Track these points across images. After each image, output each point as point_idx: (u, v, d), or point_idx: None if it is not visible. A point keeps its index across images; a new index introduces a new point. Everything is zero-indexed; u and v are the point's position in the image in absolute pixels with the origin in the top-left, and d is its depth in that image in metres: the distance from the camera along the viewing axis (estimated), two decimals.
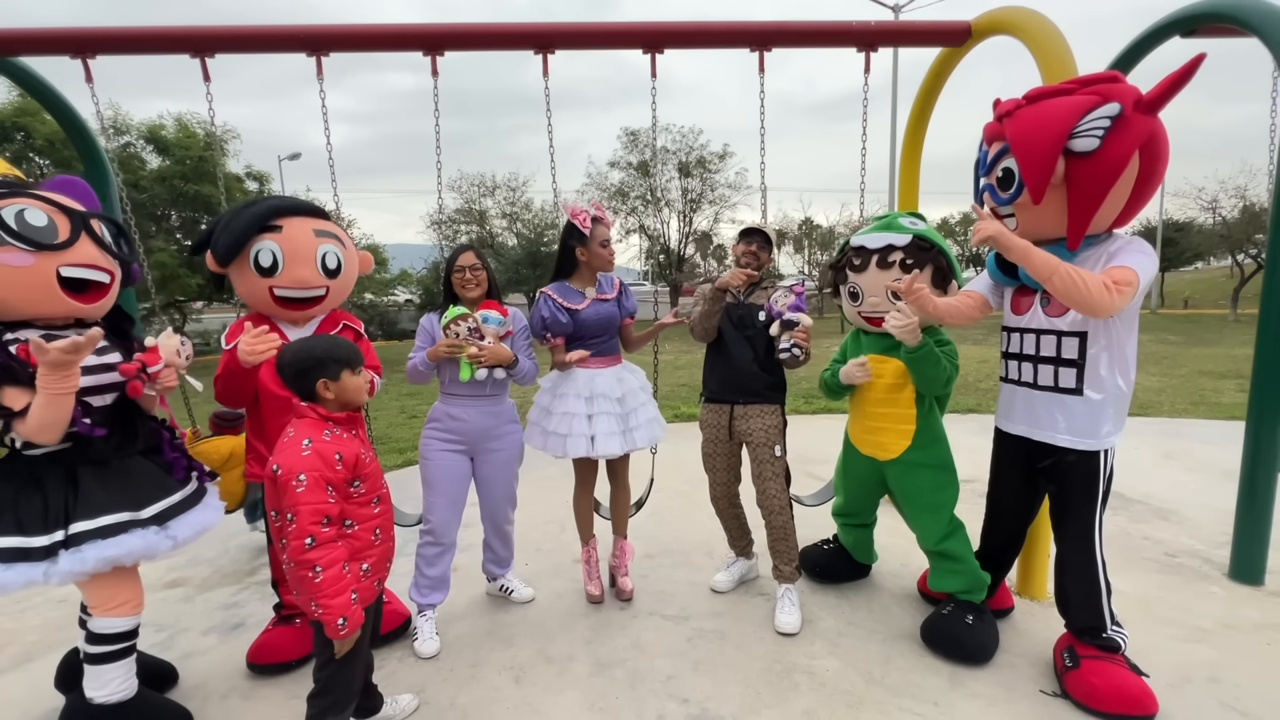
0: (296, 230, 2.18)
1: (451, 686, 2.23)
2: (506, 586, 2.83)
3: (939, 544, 2.41)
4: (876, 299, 2.38)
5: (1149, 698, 1.97)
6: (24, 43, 2.64)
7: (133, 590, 1.91)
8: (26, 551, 1.69)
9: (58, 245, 1.75)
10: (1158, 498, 3.85)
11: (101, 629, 1.85)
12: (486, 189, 23.50)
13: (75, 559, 1.71)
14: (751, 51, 2.84)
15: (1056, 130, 1.81)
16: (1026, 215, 2.00)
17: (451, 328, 2.37)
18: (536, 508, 3.86)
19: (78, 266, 1.79)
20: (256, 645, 2.33)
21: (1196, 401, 6.68)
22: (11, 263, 1.69)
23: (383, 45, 2.74)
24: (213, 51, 2.67)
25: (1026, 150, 1.87)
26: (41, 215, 1.75)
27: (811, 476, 4.07)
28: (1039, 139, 1.84)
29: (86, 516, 1.76)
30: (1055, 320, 2.03)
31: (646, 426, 2.66)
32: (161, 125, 14.70)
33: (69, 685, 2.05)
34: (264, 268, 2.12)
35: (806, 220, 28.16)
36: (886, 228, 2.39)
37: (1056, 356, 2.03)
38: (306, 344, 1.73)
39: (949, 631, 2.32)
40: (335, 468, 1.62)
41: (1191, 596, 2.71)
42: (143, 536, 1.82)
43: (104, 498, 1.80)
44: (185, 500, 1.98)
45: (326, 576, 1.57)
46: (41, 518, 1.73)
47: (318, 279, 2.21)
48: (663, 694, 2.16)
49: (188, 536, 1.92)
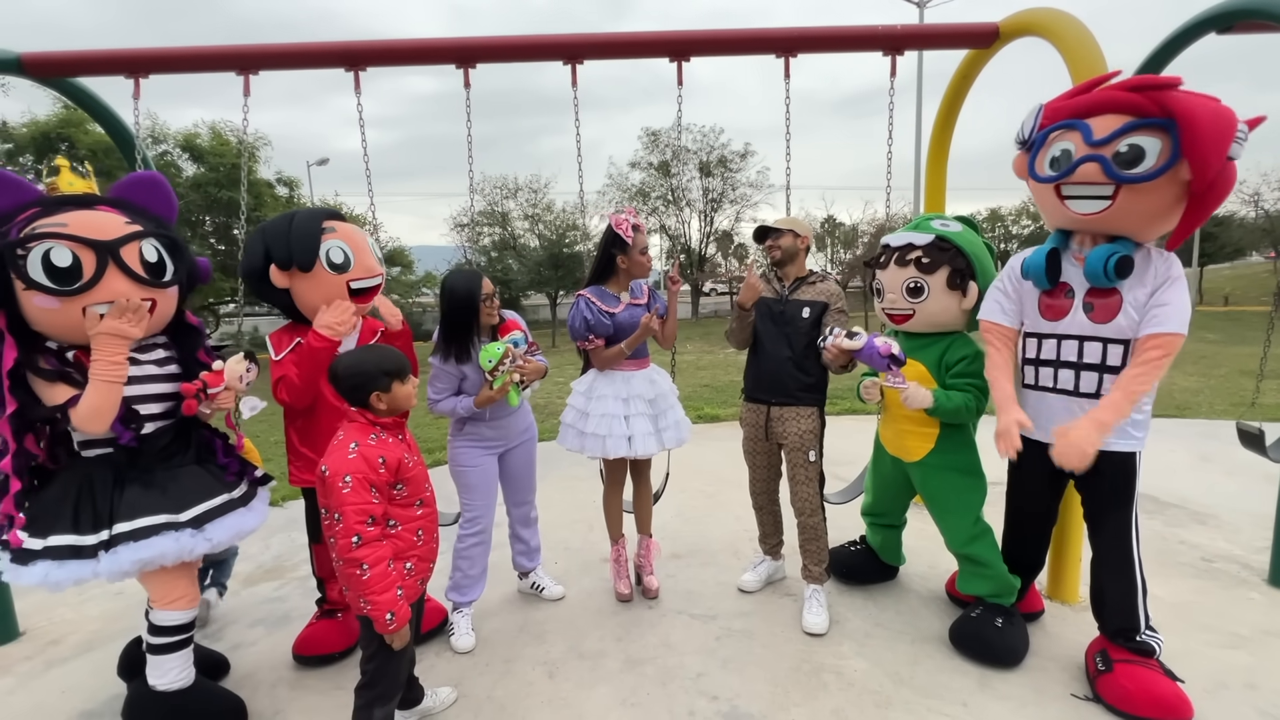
0: (348, 227, 2.32)
1: (488, 680, 2.31)
2: (538, 584, 2.91)
3: (965, 547, 2.42)
4: (894, 296, 2.41)
5: (1184, 703, 1.96)
6: (82, 64, 2.79)
7: (188, 586, 2.02)
8: (79, 549, 1.78)
9: (79, 289, 1.76)
10: (1195, 501, 3.78)
11: (161, 621, 1.97)
12: (509, 191, 23.78)
13: (113, 559, 1.79)
14: (777, 58, 2.87)
15: (1228, 128, 1.72)
16: (1131, 200, 1.86)
17: (500, 371, 2.34)
18: (564, 507, 3.94)
19: (106, 304, 1.81)
20: (301, 638, 2.44)
21: (1237, 402, 6.50)
22: (43, 305, 1.77)
23: (418, 59, 2.83)
24: (257, 69, 2.79)
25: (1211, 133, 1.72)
26: (66, 255, 1.75)
27: (836, 477, 4.06)
28: (1224, 133, 1.72)
29: (127, 518, 1.83)
30: (1101, 327, 1.98)
31: (675, 427, 2.72)
32: (196, 134, 15.20)
33: (130, 673, 2.17)
34: (337, 264, 2.20)
35: (829, 218, 27.91)
36: (915, 228, 2.42)
37: (1101, 363, 2.00)
38: (358, 357, 1.81)
39: (977, 634, 2.33)
40: (378, 470, 1.70)
41: (1229, 602, 2.67)
42: (176, 539, 1.87)
43: (146, 500, 1.87)
44: (229, 503, 2.05)
45: (373, 574, 1.64)
46: (92, 517, 1.82)
47: (379, 265, 2.36)
48: (693, 691, 2.21)
49: (224, 539, 1.98)
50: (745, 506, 3.00)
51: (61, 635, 2.73)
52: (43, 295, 1.75)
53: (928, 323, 2.40)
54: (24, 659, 2.56)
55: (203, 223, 15.68)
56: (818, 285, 2.60)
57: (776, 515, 2.90)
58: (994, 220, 29.46)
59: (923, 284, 2.33)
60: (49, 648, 2.63)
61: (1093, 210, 1.92)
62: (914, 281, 2.34)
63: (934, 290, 2.32)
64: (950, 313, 2.37)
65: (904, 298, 2.38)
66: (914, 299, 2.36)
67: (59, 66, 2.77)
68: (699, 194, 24.31)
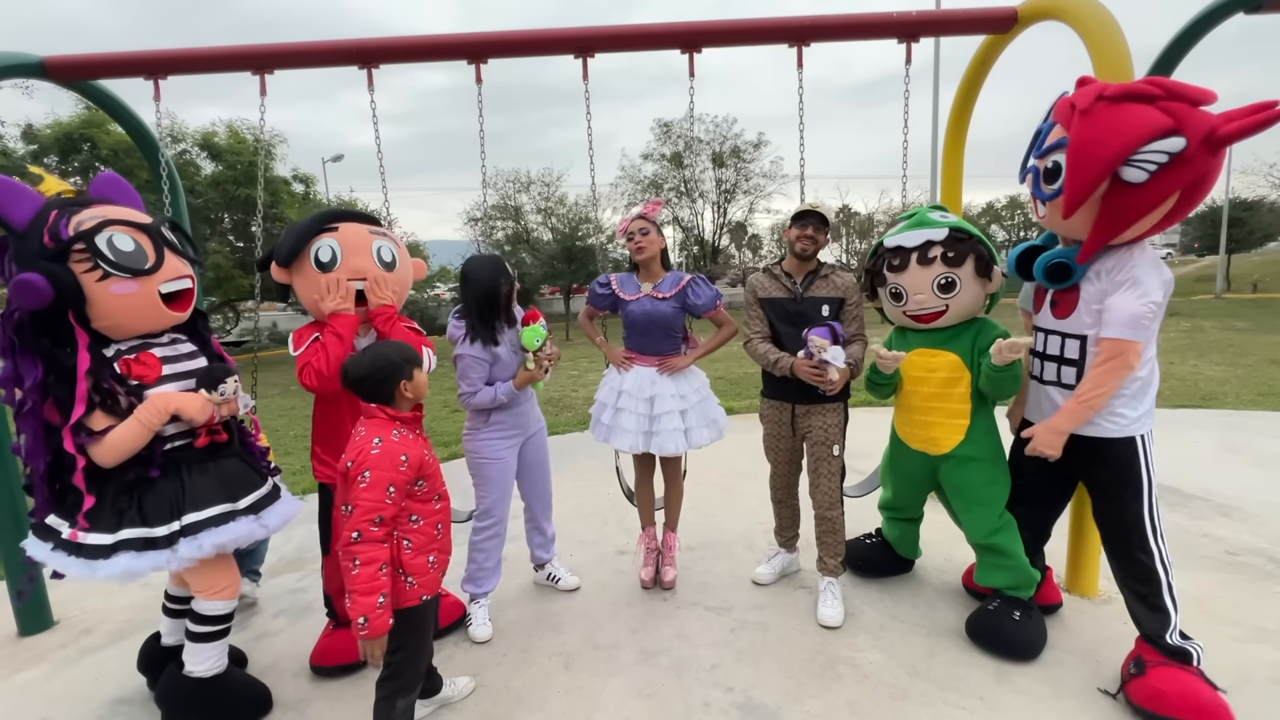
0: (351, 229, 2.31)
1: (505, 670, 2.34)
2: (554, 575, 2.94)
3: (988, 538, 2.38)
4: (923, 296, 2.34)
5: (1223, 710, 1.87)
6: (103, 67, 2.83)
7: (232, 576, 2.10)
8: (152, 540, 1.88)
9: (151, 269, 1.91)
10: (1219, 494, 3.71)
11: (207, 610, 2.04)
12: (521, 185, 23.82)
13: (193, 545, 1.89)
14: (790, 47, 2.84)
15: (1114, 153, 1.77)
16: (1056, 214, 2.01)
17: (542, 355, 2.50)
18: (578, 500, 3.96)
19: (172, 280, 1.97)
20: (318, 649, 2.41)
21: (1265, 392, 6.34)
22: (121, 292, 1.85)
23: (430, 55, 2.84)
24: (272, 68, 2.82)
25: (1078, 163, 1.84)
26: (128, 240, 1.89)
27: (854, 470, 4.04)
28: (1095, 157, 1.80)
29: (196, 508, 1.94)
30: (1061, 322, 2.11)
31: (669, 434, 2.65)
32: (214, 133, 15.40)
33: (151, 669, 2.26)
34: (323, 262, 2.21)
35: (844, 208, 27.61)
36: (918, 225, 2.36)
37: (1060, 355, 2.12)
38: (378, 352, 1.81)
39: (995, 627, 2.31)
40: (400, 468, 1.70)
41: (1253, 596, 2.63)
42: (245, 524, 2.00)
43: (208, 492, 1.98)
44: (270, 493, 2.16)
45: (362, 573, 1.63)
46: (160, 510, 1.91)
47: (375, 269, 2.27)
48: (708, 682, 2.23)
49: (277, 525, 2.11)
50: (760, 499, 3.01)
51: (93, 625, 2.81)
52: (121, 280, 1.84)
53: (958, 315, 2.37)
54: (59, 647, 2.65)
55: (221, 220, 15.91)
56: (832, 279, 2.55)
57: (795, 509, 2.90)
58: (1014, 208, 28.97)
59: (954, 278, 2.29)
60: (82, 636, 2.72)
61: (1042, 213, 2.10)
62: (945, 277, 2.29)
63: (965, 282, 2.29)
64: (977, 301, 2.36)
65: (936, 295, 2.32)
66: (946, 294, 2.31)
67: (80, 69, 2.82)
68: (712, 185, 24.16)
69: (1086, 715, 1.99)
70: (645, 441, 2.67)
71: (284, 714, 2.17)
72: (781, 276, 2.61)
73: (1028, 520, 2.38)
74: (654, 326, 2.70)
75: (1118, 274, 1.94)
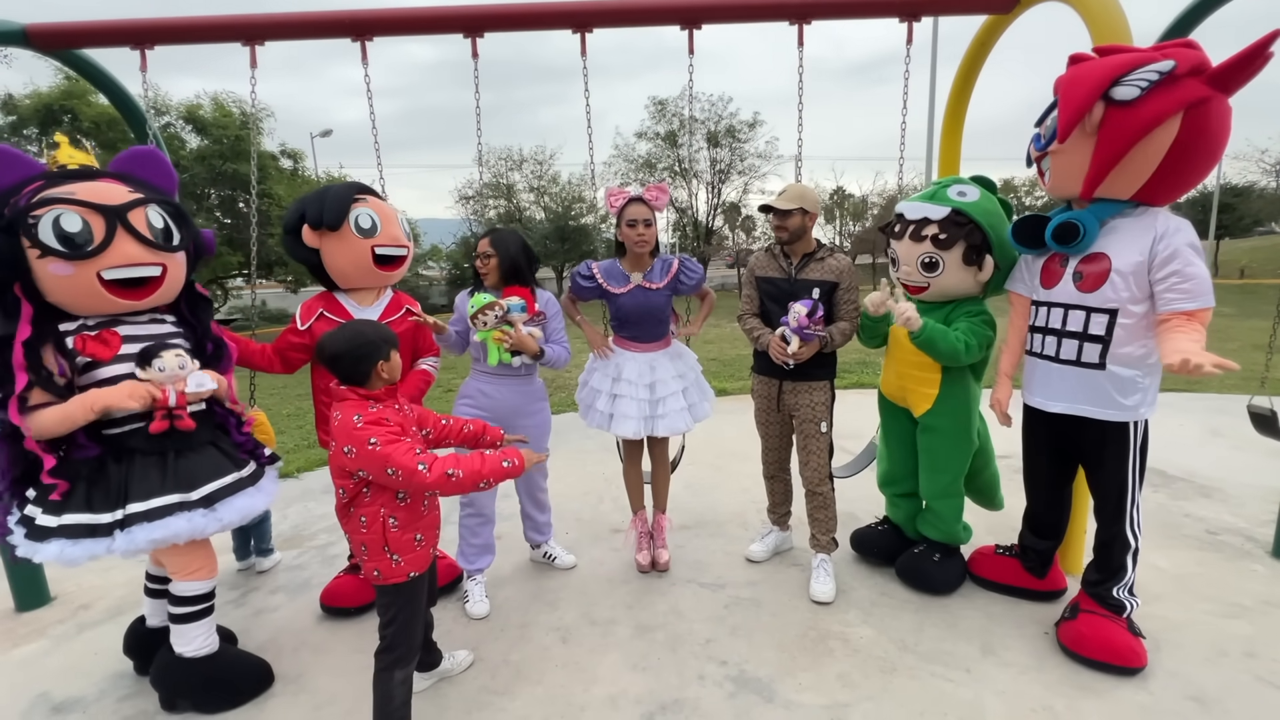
0: (375, 201, 2.44)
1: (503, 645, 2.38)
2: (549, 553, 2.97)
3: (935, 500, 2.61)
4: (909, 269, 2.42)
5: (1134, 652, 2.05)
6: (87, 35, 2.76)
7: (206, 557, 2.06)
8: (94, 528, 1.80)
9: (92, 252, 1.79)
10: (1201, 475, 3.80)
11: (183, 591, 2.02)
12: (514, 163, 23.52)
13: (127, 539, 1.81)
14: (790, 25, 2.80)
15: (1101, 75, 1.83)
16: (1057, 162, 2.03)
17: (479, 317, 2.43)
18: (574, 479, 3.99)
19: (122, 267, 1.84)
20: (327, 590, 2.64)
21: (1247, 377, 6.43)
22: (57, 273, 1.78)
23: (425, 28, 2.78)
24: (263, 39, 2.75)
25: (1067, 90, 1.89)
26: (76, 220, 1.78)
27: (842, 450, 4.10)
28: (1082, 81, 1.86)
29: (140, 498, 1.85)
30: (1086, 296, 2.02)
31: (671, 416, 2.69)
32: (199, 105, 15.06)
33: (135, 652, 2.26)
34: (364, 229, 2.33)
35: (839, 190, 27.50)
36: (931, 197, 2.38)
37: (1083, 331, 2.03)
38: (356, 330, 1.76)
39: (917, 568, 2.62)
40: (390, 427, 1.68)
41: (1232, 574, 2.70)
42: (189, 519, 1.88)
43: (159, 480, 1.89)
44: (238, 482, 2.04)
45: (466, 480, 1.67)
46: (106, 496, 1.84)
47: (405, 238, 2.49)
48: (702, 656, 2.27)
49: (233, 519, 1.98)
50: (753, 479, 3.04)
51: (90, 600, 2.82)
52: (57, 261, 1.77)
53: (942, 295, 2.42)
54: (57, 622, 2.66)
55: (208, 195, 15.64)
56: (826, 262, 2.56)
57: (787, 485, 2.94)
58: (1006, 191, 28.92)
59: (938, 259, 2.32)
60: (80, 612, 2.73)
61: (1047, 180, 2.12)
62: (929, 257, 2.33)
63: (949, 266, 2.32)
64: (965, 285, 2.38)
65: (919, 272, 2.38)
66: (929, 273, 2.36)
67: (64, 38, 2.74)
68: (706, 165, 23.95)
69: (1068, 685, 2.05)
70: (649, 425, 2.68)
71: (285, 687, 2.19)
72: (779, 257, 2.63)
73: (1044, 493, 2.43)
74: (648, 316, 2.70)
75: (1159, 229, 1.90)
